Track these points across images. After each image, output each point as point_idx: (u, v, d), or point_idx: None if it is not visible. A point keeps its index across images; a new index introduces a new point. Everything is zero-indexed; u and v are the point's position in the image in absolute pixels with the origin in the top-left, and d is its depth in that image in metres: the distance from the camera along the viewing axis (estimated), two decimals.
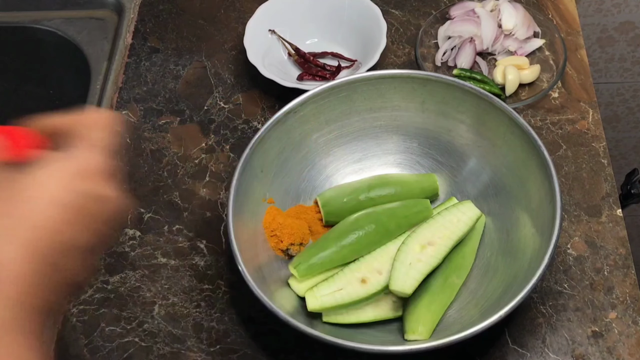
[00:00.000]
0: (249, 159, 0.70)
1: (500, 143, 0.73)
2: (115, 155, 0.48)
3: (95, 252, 0.46)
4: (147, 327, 0.73)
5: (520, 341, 0.70)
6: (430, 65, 0.90)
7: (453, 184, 0.78)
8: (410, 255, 0.68)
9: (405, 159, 0.80)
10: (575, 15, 0.96)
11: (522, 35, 0.89)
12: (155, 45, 0.97)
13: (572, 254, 0.75)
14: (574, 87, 0.88)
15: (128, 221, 0.80)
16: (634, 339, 0.69)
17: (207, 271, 0.76)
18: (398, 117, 0.78)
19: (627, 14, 1.17)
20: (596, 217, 0.77)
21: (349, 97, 0.75)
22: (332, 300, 0.67)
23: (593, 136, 0.83)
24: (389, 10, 0.97)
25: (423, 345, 0.59)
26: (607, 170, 0.81)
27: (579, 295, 0.72)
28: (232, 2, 1.01)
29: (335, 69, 0.90)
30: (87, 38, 0.98)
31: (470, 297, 0.69)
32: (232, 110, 0.89)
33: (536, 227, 0.67)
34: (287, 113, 0.73)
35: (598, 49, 1.23)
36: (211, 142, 0.86)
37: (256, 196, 0.72)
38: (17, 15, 1.02)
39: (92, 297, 0.75)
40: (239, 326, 0.72)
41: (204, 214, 0.80)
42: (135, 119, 0.89)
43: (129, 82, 0.93)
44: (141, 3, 1.01)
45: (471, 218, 0.72)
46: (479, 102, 0.72)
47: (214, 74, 0.93)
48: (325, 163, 0.79)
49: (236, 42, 0.96)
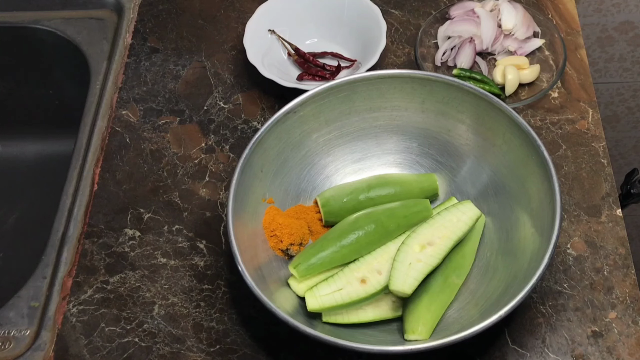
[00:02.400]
0: (249, 159, 0.70)
1: (500, 143, 0.73)
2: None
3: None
4: (146, 327, 0.73)
5: (520, 341, 0.70)
6: (430, 65, 0.90)
7: (453, 184, 0.78)
8: (410, 255, 0.68)
9: (404, 158, 0.80)
10: (575, 15, 0.96)
11: (521, 35, 0.89)
12: (155, 45, 0.97)
13: (571, 254, 0.75)
14: (574, 87, 0.88)
15: (128, 221, 0.80)
16: (634, 338, 0.69)
17: (207, 271, 0.76)
18: (398, 117, 0.78)
19: (627, 14, 1.17)
20: (596, 217, 0.77)
21: (348, 97, 0.75)
22: (332, 300, 0.67)
23: (593, 136, 0.83)
24: (388, 10, 0.97)
25: (423, 345, 0.59)
26: (607, 170, 0.81)
27: (578, 295, 0.72)
28: (231, 2, 1.01)
29: (335, 69, 0.90)
30: (86, 38, 0.98)
31: (470, 297, 0.69)
32: (232, 110, 0.89)
33: (536, 227, 0.67)
34: (287, 113, 0.73)
35: (598, 48, 1.23)
36: (211, 142, 0.86)
37: (256, 196, 0.72)
38: (17, 15, 1.02)
39: (92, 297, 0.75)
40: (239, 326, 0.72)
41: (203, 214, 0.80)
42: (135, 119, 0.89)
43: (128, 82, 0.93)
44: (141, 3, 1.01)
45: (471, 218, 0.72)
46: (479, 102, 0.72)
47: (213, 74, 0.93)
48: (325, 163, 0.79)
49: (236, 42, 0.96)
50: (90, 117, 0.89)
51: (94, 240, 0.79)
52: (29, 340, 0.72)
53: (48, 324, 0.73)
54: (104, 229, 0.80)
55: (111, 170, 0.85)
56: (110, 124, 0.89)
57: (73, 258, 0.78)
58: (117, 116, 0.89)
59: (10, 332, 0.73)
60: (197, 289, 0.75)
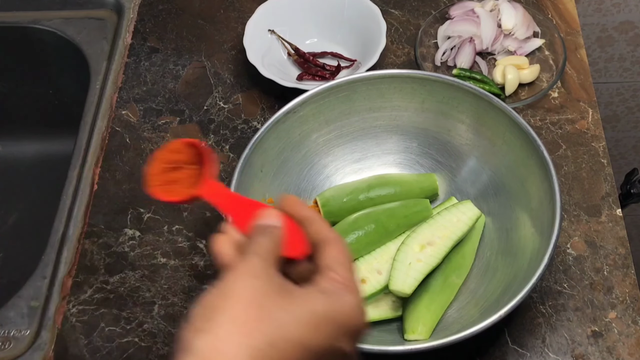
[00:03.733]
0: (249, 158, 0.70)
1: (500, 143, 0.73)
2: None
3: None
4: (146, 327, 0.73)
5: (520, 341, 0.70)
6: (429, 65, 0.90)
7: (452, 184, 0.78)
8: (409, 255, 0.68)
9: (404, 158, 0.80)
10: (574, 15, 0.96)
11: (521, 35, 0.89)
12: (154, 45, 0.97)
13: (571, 254, 0.75)
14: (574, 86, 0.88)
15: (128, 221, 0.80)
16: (634, 338, 0.69)
17: (207, 271, 0.76)
18: (398, 117, 0.78)
19: (627, 14, 1.17)
20: (596, 217, 0.77)
21: (348, 97, 0.75)
22: None
23: (593, 136, 0.83)
24: (388, 10, 0.97)
25: (423, 345, 0.59)
26: (607, 170, 0.81)
27: (578, 295, 0.72)
28: (231, 2, 1.01)
29: (335, 69, 0.90)
30: (86, 38, 0.98)
31: (470, 297, 0.69)
32: (232, 110, 0.89)
33: (536, 226, 0.67)
34: (287, 113, 0.73)
35: (598, 48, 1.23)
36: (211, 142, 0.86)
37: (256, 196, 0.72)
38: (17, 15, 1.02)
39: (91, 297, 0.75)
40: None
41: (203, 214, 0.80)
42: (135, 119, 0.89)
43: (128, 82, 0.93)
44: (140, 3, 1.01)
45: (471, 218, 0.72)
46: (479, 102, 0.72)
47: (213, 73, 0.93)
48: (325, 163, 0.79)
49: (236, 42, 0.96)
50: (90, 117, 0.89)
51: (94, 240, 0.79)
52: (29, 340, 0.72)
53: (48, 324, 0.73)
54: (104, 229, 0.80)
55: (111, 170, 0.85)
56: (110, 123, 0.89)
57: (73, 258, 0.78)
58: (117, 116, 0.89)
59: (10, 332, 0.73)
60: (197, 289, 0.75)
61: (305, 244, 0.48)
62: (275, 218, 0.48)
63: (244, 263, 0.43)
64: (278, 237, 0.46)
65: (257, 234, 0.46)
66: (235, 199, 0.51)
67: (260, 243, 0.45)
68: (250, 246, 0.45)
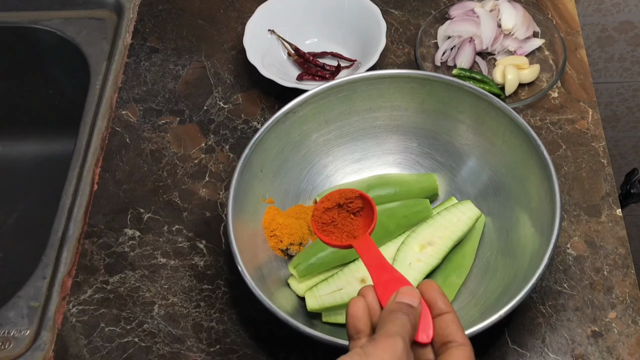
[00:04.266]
0: (249, 158, 0.70)
1: (500, 143, 0.73)
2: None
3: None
4: (146, 327, 0.73)
5: (520, 341, 0.70)
6: (429, 65, 0.90)
7: (452, 184, 0.78)
8: (409, 255, 0.68)
9: (404, 158, 0.80)
10: (574, 15, 0.96)
11: (521, 35, 0.89)
12: (154, 45, 0.97)
13: (571, 254, 0.75)
14: (574, 86, 0.88)
15: (128, 221, 0.80)
16: (634, 338, 0.69)
17: (207, 271, 0.76)
18: (397, 117, 0.78)
19: (627, 14, 1.17)
20: (596, 217, 0.77)
21: (348, 97, 0.75)
22: (332, 300, 0.67)
23: (592, 136, 0.83)
24: (388, 10, 0.97)
25: None
26: (607, 170, 0.81)
27: (578, 295, 0.72)
28: (231, 2, 1.01)
29: (335, 69, 0.90)
30: (86, 38, 0.98)
31: (470, 297, 0.69)
32: (232, 110, 0.89)
33: (536, 226, 0.67)
34: (287, 113, 0.73)
35: (597, 48, 1.23)
36: (211, 142, 0.86)
37: (256, 196, 0.72)
38: (16, 15, 1.02)
39: (91, 297, 0.75)
40: (239, 326, 0.72)
41: (203, 214, 0.80)
42: (135, 119, 0.89)
43: (128, 82, 0.93)
44: (140, 3, 1.01)
45: (471, 218, 0.72)
46: (479, 102, 0.72)
47: (213, 74, 0.93)
48: (324, 163, 0.79)
49: (236, 42, 0.96)
50: (90, 117, 0.89)
51: (94, 240, 0.79)
52: (29, 340, 0.72)
53: (48, 324, 0.73)
54: (104, 229, 0.80)
55: (111, 170, 0.85)
56: (110, 124, 0.89)
57: (73, 258, 0.78)
58: (117, 116, 0.89)
59: (10, 332, 0.73)
60: (197, 289, 0.75)
61: (432, 330, 0.49)
62: (417, 299, 0.49)
63: (391, 344, 0.45)
64: (417, 320, 0.48)
65: (401, 312, 0.47)
66: (382, 263, 0.53)
67: (405, 326, 0.46)
68: (394, 326, 0.46)
